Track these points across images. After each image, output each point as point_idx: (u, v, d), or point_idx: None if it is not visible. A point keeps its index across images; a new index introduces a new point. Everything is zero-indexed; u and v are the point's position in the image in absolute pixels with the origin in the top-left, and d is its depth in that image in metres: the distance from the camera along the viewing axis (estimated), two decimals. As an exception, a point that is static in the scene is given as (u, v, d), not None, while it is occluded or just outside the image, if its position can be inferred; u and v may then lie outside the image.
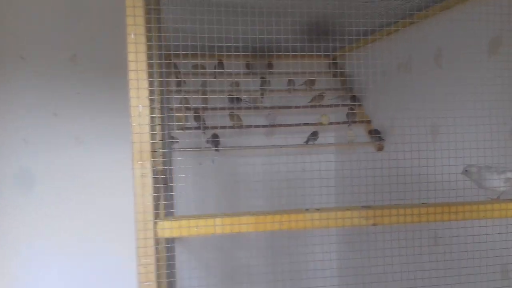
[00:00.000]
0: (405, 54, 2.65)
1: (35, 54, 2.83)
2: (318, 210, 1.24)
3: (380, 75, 2.92)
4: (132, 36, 1.26)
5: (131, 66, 1.26)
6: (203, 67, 3.01)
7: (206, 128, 2.91)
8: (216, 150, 2.87)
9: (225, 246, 3.44)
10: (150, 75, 1.30)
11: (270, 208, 1.60)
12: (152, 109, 1.29)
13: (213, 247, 3.41)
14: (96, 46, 2.87)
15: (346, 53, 3.26)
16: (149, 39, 1.33)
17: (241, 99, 3.03)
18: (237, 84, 3.10)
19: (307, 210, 1.24)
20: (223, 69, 3.08)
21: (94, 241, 2.92)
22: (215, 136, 2.90)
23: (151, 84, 1.27)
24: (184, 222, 1.21)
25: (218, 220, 1.22)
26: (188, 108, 2.93)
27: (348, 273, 3.19)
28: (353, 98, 3.17)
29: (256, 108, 3.10)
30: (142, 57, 1.27)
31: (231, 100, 3.03)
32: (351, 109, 3.11)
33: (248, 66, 3.23)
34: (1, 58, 2.80)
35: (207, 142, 2.89)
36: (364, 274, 2.40)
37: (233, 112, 3.00)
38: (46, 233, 2.88)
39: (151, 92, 1.29)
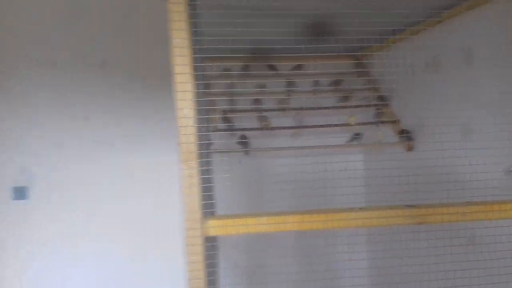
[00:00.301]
0: (433, 52, 2.64)
1: (67, 60, 2.91)
2: (362, 209, 1.25)
3: (407, 75, 2.91)
4: (177, 40, 1.30)
5: (177, 69, 1.30)
6: (228, 69, 3.05)
7: (235, 130, 2.94)
8: (246, 152, 2.89)
9: (252, 245, 3.46)
10: (195, 78, 1.33)
11: (298, 209, 1.62)
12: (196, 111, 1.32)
13: (240, 246, 3.43)
14: (124, 51, 2.95)
15: (373, 53, 3.26)
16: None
17: (261, 101, 3.06)
18: (263, 86, 3.13)
19: (351, 209, 1.26)
20: (250, 71, 3.11)
21: (121, 243, 2.99)
22: (243, 137, 2.94)
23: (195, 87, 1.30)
24: (231, 221, 1.24)
25: (264, 219, 1.24)
26: (217, 111, 2.96)
27: (378, 273, 3.18)
28: (381, 98, 3.16)
29: (283, 109, 3.12)
30: (187, 60, 1.30)
31: (253, 102, 3.07)
32: (379, 109, 3.10)
33: (272, 67, 3.25)
34: (34, 64, 2.88)
35: (237, 143, 2.93)
36: (395, 274, 2.40)
37: (261, 114, 3.02)
38: (76, 236, 2.96)
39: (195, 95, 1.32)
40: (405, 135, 2.84)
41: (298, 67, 3.17)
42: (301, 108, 3.14)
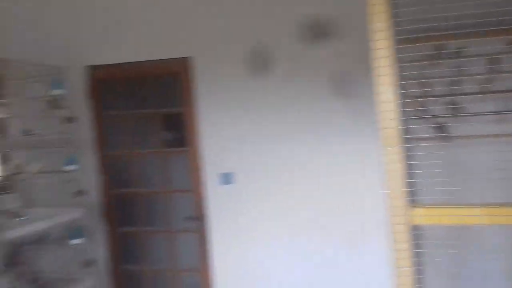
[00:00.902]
0: None
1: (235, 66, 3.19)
2: None
3: None
4: (377, 24, 1.28)
5: (376, 54, 1.28)
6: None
7: (429, 117, 2.78)
8: (444, 138, 2.71)
9: (449, 238, 3.23)
10: (394, 63, 1.29)
11: (506, 201, 1.42)
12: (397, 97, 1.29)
13: (436, 237, 3.24)
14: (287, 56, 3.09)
15: None
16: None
17: (458, 85, 2.81)
18: (460, 67, 2.86)
19: None
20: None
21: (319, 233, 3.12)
22: (439, 123, 2.76)
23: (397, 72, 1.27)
24: (439, 210, 1.17)
25: (477, 210, 1.14)
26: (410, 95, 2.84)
27: None
28: None
29: (483, 93, 2.81)
30: (387, 44, 1.27)
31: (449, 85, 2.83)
32: None
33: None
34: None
35: (431, 129, 2.76)
36: None
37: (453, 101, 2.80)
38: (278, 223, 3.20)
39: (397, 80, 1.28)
40: None
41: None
42: (509, 90, 2.78)
